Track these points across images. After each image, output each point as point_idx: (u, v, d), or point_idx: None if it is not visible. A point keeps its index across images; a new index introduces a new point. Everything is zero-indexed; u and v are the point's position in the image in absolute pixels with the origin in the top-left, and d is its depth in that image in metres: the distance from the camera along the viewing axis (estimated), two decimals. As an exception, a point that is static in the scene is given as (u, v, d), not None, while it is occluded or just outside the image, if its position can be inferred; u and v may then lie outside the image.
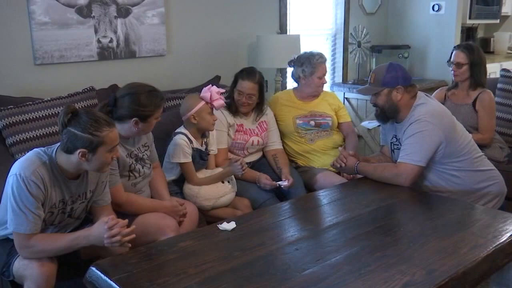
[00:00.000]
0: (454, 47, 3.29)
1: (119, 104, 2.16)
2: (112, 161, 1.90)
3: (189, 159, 2.55)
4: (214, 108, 2.57)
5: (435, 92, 3.40)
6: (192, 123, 2.55)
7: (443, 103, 2.91)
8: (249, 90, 2.83)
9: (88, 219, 2.07)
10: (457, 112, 2.91)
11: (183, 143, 2.53)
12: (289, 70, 3.37)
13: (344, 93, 4.29)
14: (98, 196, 2.02)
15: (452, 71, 3.23)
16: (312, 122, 3.08)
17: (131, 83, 2.22)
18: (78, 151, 1.80)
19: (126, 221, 1.82)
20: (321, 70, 3.06)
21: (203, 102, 2.54)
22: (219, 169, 2.66)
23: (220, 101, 2.54)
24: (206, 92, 2.54)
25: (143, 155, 2.33)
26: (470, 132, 2.70)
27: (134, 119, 2.15)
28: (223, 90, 2.60)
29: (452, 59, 3.23)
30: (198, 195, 2.55)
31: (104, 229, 1.77)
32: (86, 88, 2.75)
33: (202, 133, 2.64)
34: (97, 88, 2.83)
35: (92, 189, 1.99)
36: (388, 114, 2.50)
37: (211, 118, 2.56)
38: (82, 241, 1.82)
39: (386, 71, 2.48)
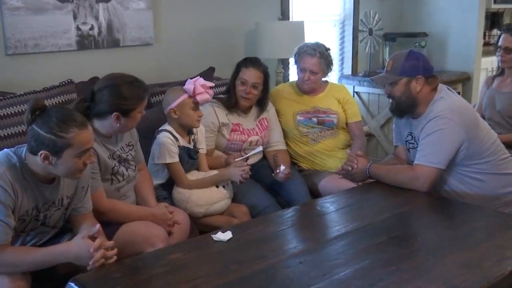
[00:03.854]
0: (503, 30, 3.28)
1: (97, 98, 2.15)
2: (84, 167, 1.87)
3: (176, 159, 2.54)
4: (198, 103, 2.56)
5: (483, 79, 3.38)
6: (173, 118, 2.56)
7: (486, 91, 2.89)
8: (254, 79, 2.83)
9: (66, 228, 2.07)
10: (497, 99, 2.89)
11: (167, 141, 2.52)
12: (292, 61, 3.36)
13: (353, 87, 4.30)
14: (78, 203, 2.02)
15: (499, 57, 3.23)
16: (315, 119, 3.09)
17: (110, 74, 2.22)
18: (40, 152, 1.78)
19: (112, 242, 1.82)
20: (303, 62, 3.05)
21: (185, 95, 2.53)
22: (214, 172, 2.66)
23: (204, 96, 2.53)
24: (190, 84, 2.54)
25: (127, 155, 2.33)
26: (506, 124, 2.68)
27: (114, 113, 2.14)
28: (211, 84, 2.59)
29: (500, 43, 3.22)
30: (189, 200, 2.55)
31: (87, 251, 1.75)
32: (63, 81, 2.74)
33: (188, 130, 2.65)
34: (76, 81, 2.83)
35: (69, 194, 1.98)
36: (405, 108, 2.49)
37: (194, 114, 2.55)
38: (59, 258, 1.82)
39: (406, 58, 2.47)
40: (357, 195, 2.46)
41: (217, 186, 2.61)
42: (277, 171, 2.75)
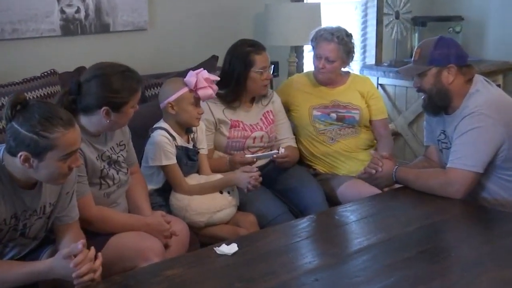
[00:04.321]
0: None
1: (84, 90, 2.16)
2: (69, 172, 1.87)
3: (173, 160, 2.55)
4: (199, 99, 2.56)
5: None
6: (170, 113, 2.56)
7: None
8: (267, 62, 2.87)
9: (49, 240, 2.07)
10: None
11: (163, 140, 2.53)
12: (307, 49, 3.36)
13: (377, 79, 4.28)
14: (62, 211, 2.02)
15: None
16: (333, 115, 3.09)
17: (98, 63, 2.23)
18: (20, 154, 1.77)
19: (93, 252, 1.82)
20: (318, 48, 3.06)
21: (185, 89, 2.53)
22: (217, 176, 2.66)
23: (207, 91, 2.53)
24: (192, 77, 2.54)
25: (118, 156, 2.33)
26: None
27: (104, 108, 2.14)
28: (215, 78, 2.59)
29: None
30: (188, 207, 2.55)
31: (68, 267, 1.76)
32: (46, 72, 2.76)
33: (186, 128, 2.65)
34: (60, 71, 2.84)
35: (53, 201, 1.98)
36: (438, 102, 2.49)
37: (194, 111, 2.56)
38: (41, 277, 1.83)
39: (435, 45, 2.47)
40: (382, 202, 2.46)
41: (221, 192, 2.62)
42: (274, 155, 2.80)
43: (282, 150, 2.80)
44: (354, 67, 3.23)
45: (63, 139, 1.78)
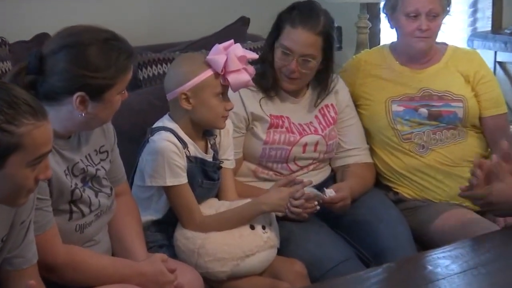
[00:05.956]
0: None
1: (48, 67, 2.17)
2: (36, 186, 1.88)
3: (183, 179, 2.59)
4: (230, 87, 2.61)
5: None
6: (182, 108, 2.60)
7: None
8: (304, 48, 2.87)
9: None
10: None
11: (168, 148, 2.56)
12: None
13: (494, 54, 4.30)
14: (14, 250, 1.99)
15: None
16: (424, 111, 3.13)
17: (68, 27, 2.24)
18: None
19: None
20: (411, 2, 3.05)
21: (209, 72, 2.58)
22: (245, 201, 2.69)
23: (242, 76, 2.56)
24: (218, 53, 2.57)
25: (97, 170, 2.36)
26: None
27: (77, 94, 2.15)
28: (253, 55, 2.65)
29: None
30: (202, 250, 2.59)
31: None
32: (-11, 41, 2.84)
33: (205, 130, 2.70)
34: (11, 40, 2.95)
35: (2, 235, 1.98)
36: None
37: (220, 106, 2.61)
38: None
39: None
40: (502, 245, 2.46)
41: (252, 227, 2.66)
42: (321, 197, 2.77)
43: (329, 194, 2.80)
44: (456, 36, 3.20)
45: (33, 135, 1.77)
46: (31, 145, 1.79)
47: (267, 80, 2.92)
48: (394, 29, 3.22)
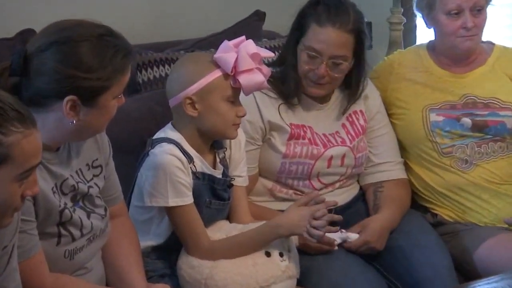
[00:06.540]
0: None
1: (34, 67, 2.19)
2: (22, 203, 1.90)
3: (189, 199, 2.61)
4: (242, 90, 2.62)
5: None
6: (187, 115, 2.61)
7: None
8: (335, 49, 2.90)
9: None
10: None
11: (171, 163, 2.58)
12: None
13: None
14: None
15: None
16: (467, 121, 3.14)
17: (58, 22, 2.25)
18: None
19: None
20: None
21: (217, 73, 2.60)
22: (259, 223, 2.71)
23: (256, 76, 2.58)
24: (228, 51, 2.59)
25: (89, 187, 2.38)
26: None
27: (68, 98, 2.16)
28: (269, 54, 2.67)
29: None
30: (210, 281, 2.61)
31: None
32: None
33: (214, 142, 2.72)
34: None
35: None
36: None
37: (231, 112, 2.63)
38: None
39: None
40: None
41: (268, 254, 2.67)
42: (343, 241, 2.82)
43: (352, 237, 2.85)
44: (501, 33, 3.20)
45: (22, 144, 1.80)
46: (20, 156, 1.81)
47: (288, 86, 2.93)
48: (431, 28, 3.23)
